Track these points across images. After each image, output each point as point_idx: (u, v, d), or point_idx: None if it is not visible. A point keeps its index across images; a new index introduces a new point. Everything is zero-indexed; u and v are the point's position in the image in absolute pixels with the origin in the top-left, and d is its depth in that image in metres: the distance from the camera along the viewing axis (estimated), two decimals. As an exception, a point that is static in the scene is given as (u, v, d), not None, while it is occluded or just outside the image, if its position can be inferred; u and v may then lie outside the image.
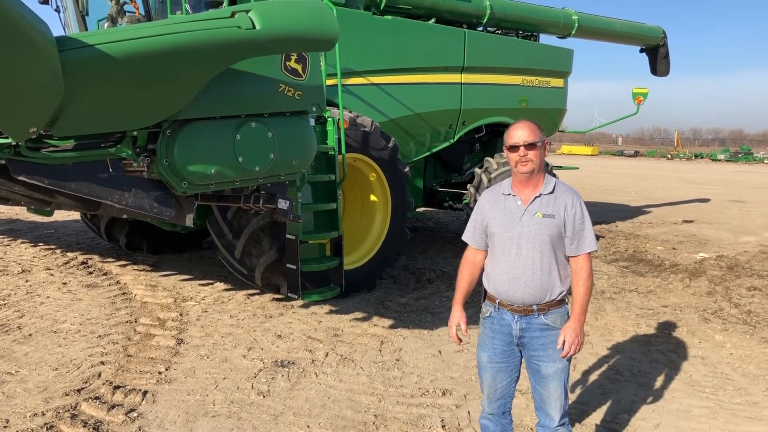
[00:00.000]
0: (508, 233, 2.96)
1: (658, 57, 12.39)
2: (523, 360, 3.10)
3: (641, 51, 12.56)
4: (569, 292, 3.01)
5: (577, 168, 12.92)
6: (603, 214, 14.33)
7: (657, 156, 55.69)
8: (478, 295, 3.27)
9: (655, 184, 24.13)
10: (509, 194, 3.02)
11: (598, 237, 10.80)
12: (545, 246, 2.90)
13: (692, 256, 9.44)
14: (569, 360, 3.00)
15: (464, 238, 3.22)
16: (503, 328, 3.02)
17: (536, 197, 2.95)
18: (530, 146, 2.90)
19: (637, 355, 5.27)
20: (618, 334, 5.76)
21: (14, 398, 4.14)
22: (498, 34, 9.72)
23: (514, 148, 2.93)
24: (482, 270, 3.15)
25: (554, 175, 9.59)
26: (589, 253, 2.95)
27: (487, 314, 3.09)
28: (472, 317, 3.25)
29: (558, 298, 2.96)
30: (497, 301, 3.03)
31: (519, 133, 2.93)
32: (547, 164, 9.29)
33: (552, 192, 2.96)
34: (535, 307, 2.94)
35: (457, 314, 3.14)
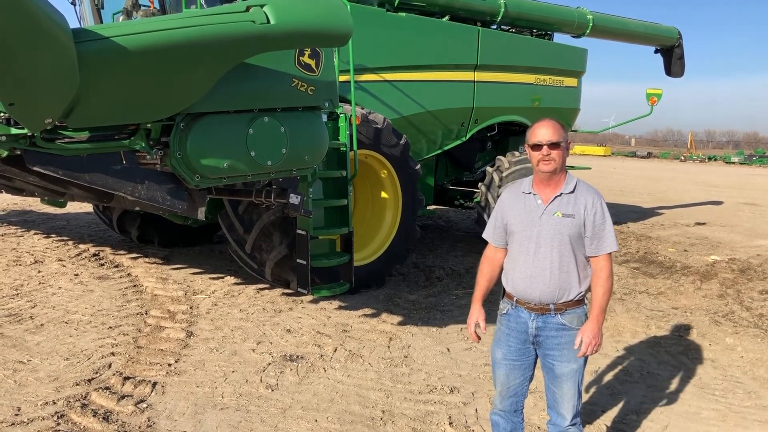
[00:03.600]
0: (527, 232, 2.96)
1: (672, 58, 12.31)
2: (537, 359, 3.10)
3: (656, 51, 12.49)
4: (588, 293, 2.99)
5: (590, 168, 12.86)
6: (615, 215, 14.24)
7: (670, 157, 55.29)
8: (495, 294, 3.27)
9: (668, 186, 23.99)
10: (529, 193, 3.01)
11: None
12: (564, 246, 2.90)
13: (704, 258, 9.38)
14: (584, 361, 2.99)
15: (484, 236, 3.23)
16: (519, 326, 3.02)
17: (556, 196, 2.93)
18: (554, 146, 2.88)
19: (646, 356, 5.25)
20: (628, 335, 5.74)
21: (26, 387, 4.18)
22: (512, 32, 9.69)
23: (537, 147, 2.91)
24: (502, 268, 3.14)
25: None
26: (610, 253, 2.93)
27: (504, 311, 3.10)
28: (491, 315, 3.25)
29: (576, 299, 2.94)
30: (515, 299, 3.03)
31: (543, 132, 2.90)
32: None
33: (573, 192, 2.94)
34: (552, 306, 2.93)
35: (476, 312, 3.14)
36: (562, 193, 2.94)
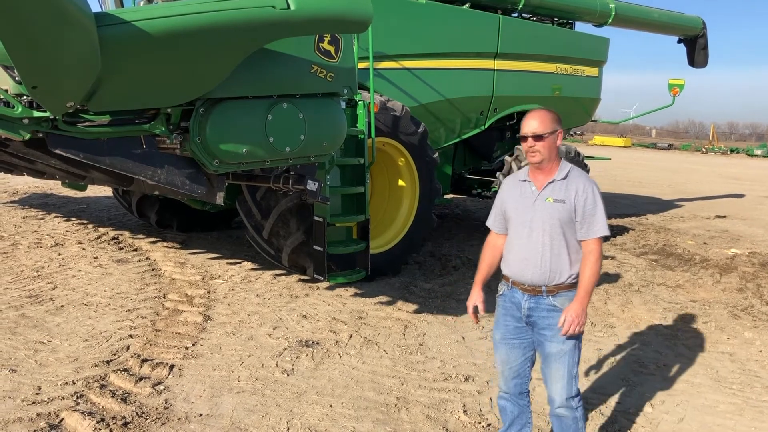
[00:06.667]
0: (521, 217, 3.08)
1: (696, 48, 12.13)
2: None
3: (679, 41, 12.31)
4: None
5: (609, 159, 12.74)
6: (634, 206, 14.15)
7: (691, 149, 54.54)
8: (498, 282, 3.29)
9: (688, 178, 23.73)
10: (525, 180, 3.14)
11: (627, 229, 10.67)
12: (555, 230, 3.00)
13: (723, 251, 9.28)
14: (575, 345, 3.05)
15: (487, 223, 3.36)
16: (514, 306, 3.14)
17: (549, 183, 3.05)
18: (538, 138, 2.99)
19: (663, 348, 5.22)
20: (644, 327, 5.71)
21: (46, 367, 4.25)
22: (533, 20, 9.60)
23: (524, 138, 3.03)
24: (502, 254, 3.25)
25: (586, 165, 9.42)
26: (600, 238, 3.02)
27: (501, 293, 3.23)
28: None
29: (568, 282, 3.03)
30: (510, 280, 3.15)
31: (530, 123, 3.02)
32: (578, 154, 9.19)
33: (565, 178, 3.05)
34: (543, 288, 3.03)
35: (475, 295, 3.27)
36: (554, 180, 3.05)
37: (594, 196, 3.01)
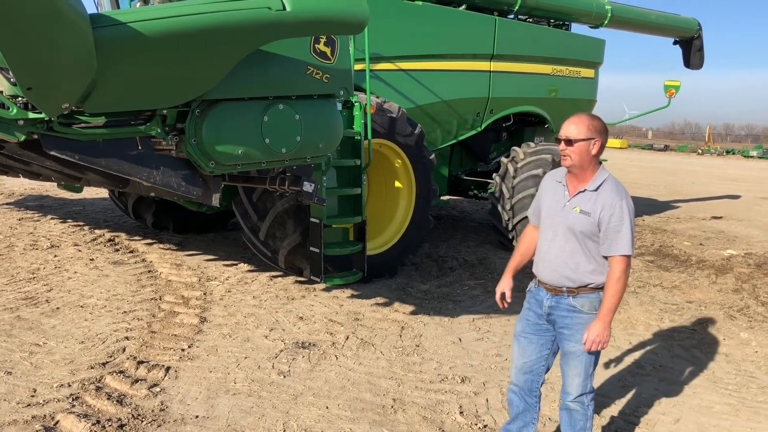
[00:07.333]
0: (549, 220, 3.11)
1: (692, 49, 12.17)
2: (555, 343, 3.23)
3: (675, 43, 12.35)
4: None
5: (606, 160, 12.74)
6: (630, 207, 14.14)
7: (687, 151, 54.55)
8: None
9: (685, 179, 23.76)
10: (560, 182, 3.13)
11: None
12: (577, 239, 3.01)
13: (720, 252, 9.30)
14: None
15: (527, 213, 3.46)
16: (537, 302, 3.20)
17: (580, 192, 3.03)
18: (569, 142, 2.96)
19: (659, 349, 5.22)
20: (641, 328, 5.72)
21: (42, 369, 4.24)
22: (529, 22, 9.61)
23: (558, 140, 3.04)
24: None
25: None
26: (626, 256, 2.93)
27: (529, 288, 3.29)
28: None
29: (590, 286, 3.03)
30: (537, 277, 3.20)
31: (566, 127, 3.02)
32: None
33: (596, 190, 2.99)
34: (564, 288, 3.06)
35: (504, 282, 3.34)
36: (585, 190, 3.01)
37: (621, 213, 2.91)
